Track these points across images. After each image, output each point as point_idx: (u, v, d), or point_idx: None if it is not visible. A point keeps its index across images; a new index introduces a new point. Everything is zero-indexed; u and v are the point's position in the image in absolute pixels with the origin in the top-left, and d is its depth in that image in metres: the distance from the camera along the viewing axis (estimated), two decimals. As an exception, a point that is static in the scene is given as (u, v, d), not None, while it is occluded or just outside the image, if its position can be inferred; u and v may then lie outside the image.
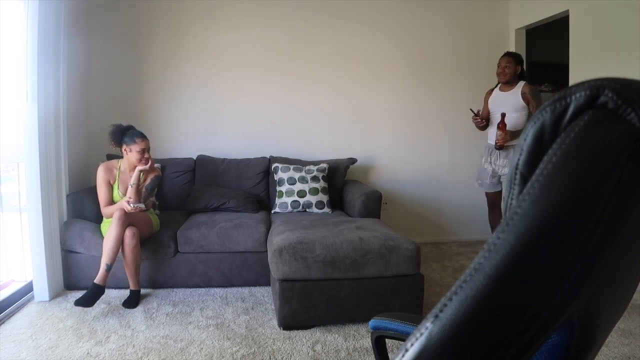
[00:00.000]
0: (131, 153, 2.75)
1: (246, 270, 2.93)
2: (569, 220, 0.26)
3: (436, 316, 0.27)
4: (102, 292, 2.51)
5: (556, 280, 0.25)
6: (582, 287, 0.26)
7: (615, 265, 0.28)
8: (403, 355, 0.27)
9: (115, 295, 2.74)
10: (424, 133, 4.06)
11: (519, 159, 0.30)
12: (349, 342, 2.21)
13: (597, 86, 0.28)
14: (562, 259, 0.25)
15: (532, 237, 0.26)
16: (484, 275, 0.26)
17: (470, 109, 3.27)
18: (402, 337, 0.89)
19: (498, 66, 3.21)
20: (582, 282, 0.26)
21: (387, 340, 0.97)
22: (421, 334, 0.27)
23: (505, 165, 3.20)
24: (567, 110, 0.28)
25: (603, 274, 0.27)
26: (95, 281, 2.49)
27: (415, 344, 0.27)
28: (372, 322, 0.94)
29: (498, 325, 0.26)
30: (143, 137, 2.80)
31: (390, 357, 0.93)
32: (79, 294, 2.51)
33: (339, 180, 3.56)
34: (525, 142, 0.29)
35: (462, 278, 0.27)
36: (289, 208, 3.30)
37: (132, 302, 2.62)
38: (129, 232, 2.59)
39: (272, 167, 3.50)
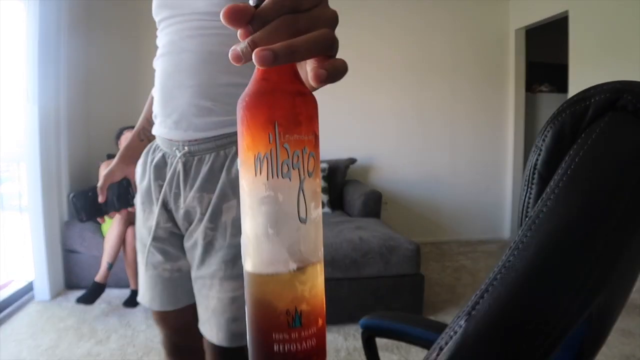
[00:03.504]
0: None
1: (246, 270, 2.93)
2: (593, 218, 0.26)
3: (469, 314, 0.27)
4: (103, 290, 2.52)
5: (583, 276, 0.26)
6: (605, 282, 0.27)
7: (629, 261, 0.29)
8: (438, 355, 0.28)
9: (115, 295, 2.74)
10: (424, 133, 4.06)
11: (537, 159, 0.30)
12: (349, 341, 2.22)
13: (617, 89, 0.29)
14: (588, 256, 0.26)
15: (560, 235, 0.27)
16: (515, 273, 0.27)
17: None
18: (394, 335, 0.89)
19: None
20: (604, 277, 0.27)
21: (377, 339, 0.96)
22: (455, 332, 0.28)
23: (198, 205, 0.89)
24: (587, 112, 0.29)
25: (621, 270, 0.28)
26: (96, 279, 2.50)
27: (450, 342, 0.27)
28: (362, 321, 0.93)
29: (532, 321, 0.26)
30: (132, 127, 2.84)
31: (380, 356, 0.93)
32: (79, 294, 2.51)
33: (339, 180, 3.56)
34: (544, 142, 0.30)
35: (491, 276, 0.28)
36: (289, 208, 3.29)
37: (133, 301, 2.62)
38: (130, 231, 2.59)
39: (272, 167, 3.49)
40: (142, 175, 0.98)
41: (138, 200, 1.00)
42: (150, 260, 0.97)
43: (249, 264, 0.34)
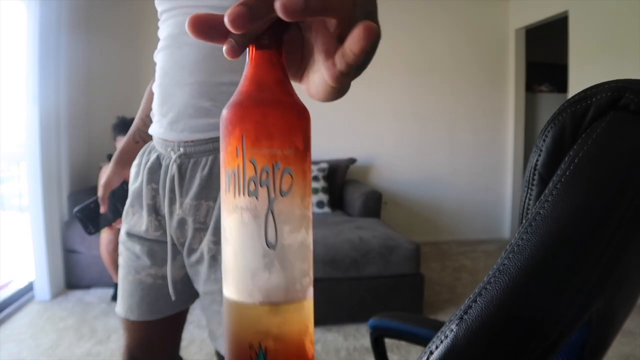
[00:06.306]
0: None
1: (246, 270, 2.93)
2: (592, 221, 0.26)
3: (461, 318, 0.27)
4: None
5: (580, 280, 0.26)
6: (603, 287, 0.26)
7: (633, 264, 0.29)
8: (428, 358, 0.27)
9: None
10: (424, 133, 4.06)
11: (537, 160, 0.30)
12: (349, 341, 2.22)
13: (619, 88, 0.28)
14: (586, 259, 0.26)
15: (556, 238, 0.26)
16: (509, 277, 0.26)
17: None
18: (402, 336, 0.89)
19: None
20: (603, 281, 0.26)
21: (386, 339, 0.97)
22: (446, 337, 0.27)
23: (195, 213, 0.84)
24: (588, 112, 0.28)
25: (622, 274, 0.27)
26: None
27: (440, 347, 0.27)
28: (371, 322, 0.94)
29: (525, 327, 0.26)
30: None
31: (389, 357, 0.93)
32: (79, 293, 2.51)
33: (339, 180, 3.56)
34: (544, 142, 0.29)
35: (485, 280, 0.27)
36: (289, 208, 3.29)
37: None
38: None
39: (272, 167, 3.49)
40: (135, 176, 0.93)
41: (128, 201, 0.94)
42: (133, 264, 0.91)
43: (224, 287, 0.32)
